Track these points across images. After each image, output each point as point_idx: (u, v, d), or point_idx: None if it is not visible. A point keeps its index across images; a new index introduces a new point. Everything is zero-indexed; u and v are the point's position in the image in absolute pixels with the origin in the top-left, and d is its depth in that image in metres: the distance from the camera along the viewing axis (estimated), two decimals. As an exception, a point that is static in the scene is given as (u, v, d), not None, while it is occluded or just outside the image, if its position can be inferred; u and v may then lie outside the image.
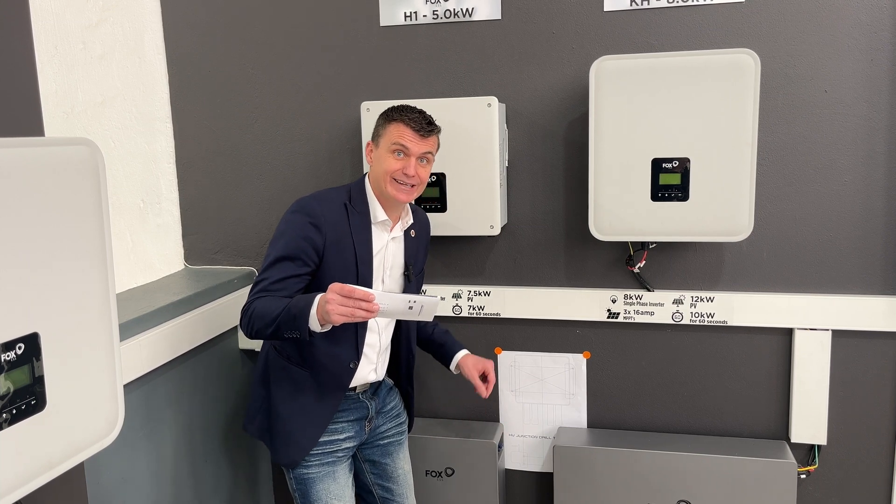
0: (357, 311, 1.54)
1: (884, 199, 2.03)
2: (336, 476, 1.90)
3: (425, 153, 1.78)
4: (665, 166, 1.93)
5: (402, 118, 1.76)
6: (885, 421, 2.13)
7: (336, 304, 1.54)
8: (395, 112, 1.79)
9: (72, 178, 1.09)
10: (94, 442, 1.18)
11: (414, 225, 1.92)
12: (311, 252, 1.75)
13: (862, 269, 2.08)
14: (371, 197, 1.83)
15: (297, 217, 1.76)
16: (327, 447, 1.89)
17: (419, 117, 1.77)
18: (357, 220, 1.80)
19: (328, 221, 1.76)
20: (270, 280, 1.73)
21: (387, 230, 1.85)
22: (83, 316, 1.13)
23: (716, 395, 2.24)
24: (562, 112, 2.19)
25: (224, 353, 2.33)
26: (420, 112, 1.79)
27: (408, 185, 1.77)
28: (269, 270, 1.75)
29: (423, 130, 1.76)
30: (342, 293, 1.54)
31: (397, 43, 2.27)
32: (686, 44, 2.08)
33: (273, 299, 1.69)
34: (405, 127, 1.76)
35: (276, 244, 1.76)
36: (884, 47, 1.97)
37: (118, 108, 2.24)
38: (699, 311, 2.17)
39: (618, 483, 2.16)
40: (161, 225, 2.46)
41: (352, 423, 1.92)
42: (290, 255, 1.74)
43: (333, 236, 1.76)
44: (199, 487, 2.20)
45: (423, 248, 2.00)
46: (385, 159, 1.77)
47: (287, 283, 1.73)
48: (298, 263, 1.74)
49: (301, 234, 1.74)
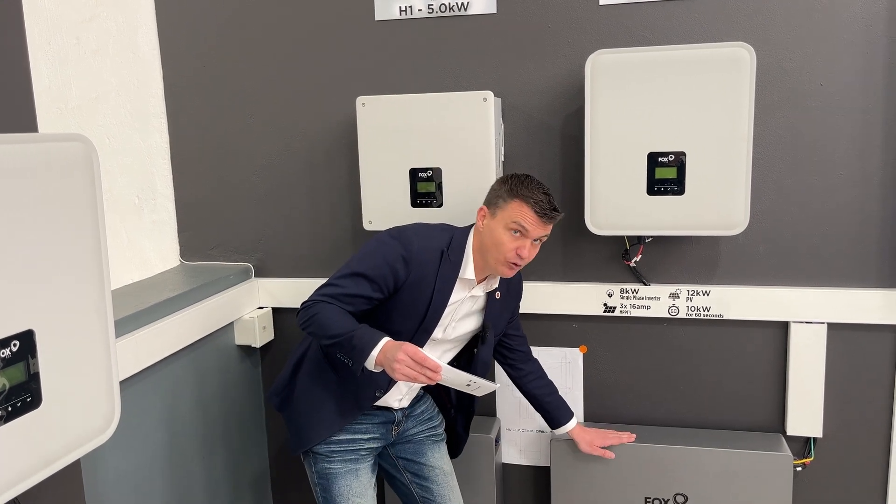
0: (420, 376, 1.57)
1: (879, 193, 2.04)
2: (358, 474, 1.88)
3: (542, 236, 1.75)
4: (661, 160, 1.93)
5: (527, 199, 1.70)
6: (880, 413, 2.14)
7: (404, 366, 1.56)
8: (521, 188, 1.72)
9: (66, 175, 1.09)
10: (91, 439, 1.18)
11: (500, 288, 1.88)
12: (390, 282, 1.73)
13: (857, 262, 2.08)
14: (468, 254, 1.80)
15: (393, 243, 1.75)
16: (350, 444, 1.88)
17: (545, 201, 1.71)
18: (446, 270, 1.77)
19: (419, 261, 1.74)
20: (343, 290, 1.72)
21: (468, 288, 1.82)
22: (79, 313, 1.13)
23: (712, 389, 2.24)
24: (558, 106, 2.18)
25: (221, 349, 2.32)
26: (546, 194, 1.72)
27: (518, 265, 1.75)
28: (345, 280, 1.73)
29: (545, 217, 1.71)
30: (415, 358, 1.56)
31: (393, 37, 2.26)
32: (682, 37, 2.08)
33: (340, 312, 1.70)
34: (529, 210, 1.70)
35: (362, 260, 1.75)
36: (879, 40, 1.97)
37: (112, 104, 2.23)
38: (695, 305, 2.17)
39: (614, 477, 2.17)
40: (156, 221, 2.45)
41: (377, 426, 1.91)
42: (371, 275, 1.72)
43: (418, 276, 1.74)
44: (196, 484, 2.20)
45: (511, 310, 1.97)
46: (500, 234, 1.72)
47: (356, 300, 1.73)
48: (374, 287, 1.73)
49: (388, 261, 1.73)
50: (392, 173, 2.13)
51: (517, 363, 2.07)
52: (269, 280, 2.48)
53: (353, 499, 1.87)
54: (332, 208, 2.39)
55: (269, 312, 2.47)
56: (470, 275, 1.79)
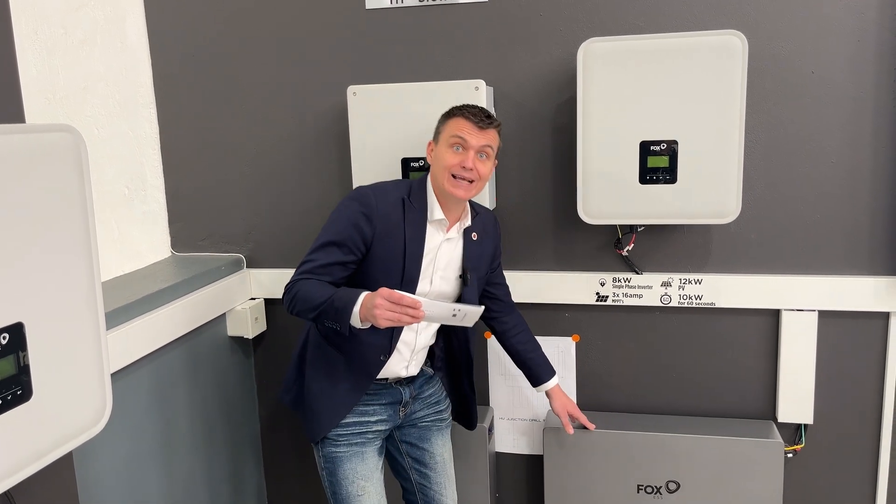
0: (403, 317, 1.57)
1: (870, 181, 2.04)
2: (365, 457, 1.89)
3: (484, 146, 1.75)
4: (653, 149, 1.93)
5: (460, 113, 1.76)
6: (870, 400, 2.16)
7: (384, 310, 1.57)
8: (454, 108, 1.79)
9: (54, 166, 1.08)
10: (82, 432, 1.17)
11: (475, 227, 1.88)
12: (358, 241, 1.74)
13: (848, 250, 2.09)
14: (430, 195, 1.81)
15: (352, 204, 1.76)
16: (357, 428, 1.88)
17: (478, 111, 1.75)
18: (413, 217, 1.78)
19: (381, 213, 1.75)
20: (317, 263, 1.74)
21: (442, 230, 1.82)
22: (69, 305, 1.12)
23: (704, 377, 2.26)
24: (550, 95, 2.18)
25: (213, 340, 2.32)
26: (480, 107, 1.78)
27: (466, 180, 1.74)
28: (316, 253, 1.76)
29: (481, 123, 1.74)
30: (391, 299, 1.57)
31: (384, 26, 2.25)
32: (674, 25, 2.07)
33: (319, 284, 1.71)
34: (463, 120, 1.74)
35: (328, 228, 1.77)
36: (870, 28, 1.97)
37: (101, 94, 2.21)
38: (687, 294, 2.18)
39: (607, 464, 2.18)
40: (147, 212, 2.44)
41: (384, 407, 1.91)
42: (338, 240, 1.74)
43: (384, 229, 1.75)
44: (190, 476, 2.20)
45: (490, 250, 1.95)
46: (443, 154, 1.76)
47: (332, 268, 1.75)
48: (345, 250, 1.74)
49: (351, 221, 1.74)
50: (384, 162, 2.12)
51: (501, 315, 2.06)
52: (260, 271, 2.47)
53: (359, 481, 1.87)
54: (323, 198, 2.38)
55: (262, 303, 2.47)
56: (439, 215, 1.79)
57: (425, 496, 2.03)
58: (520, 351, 2.08)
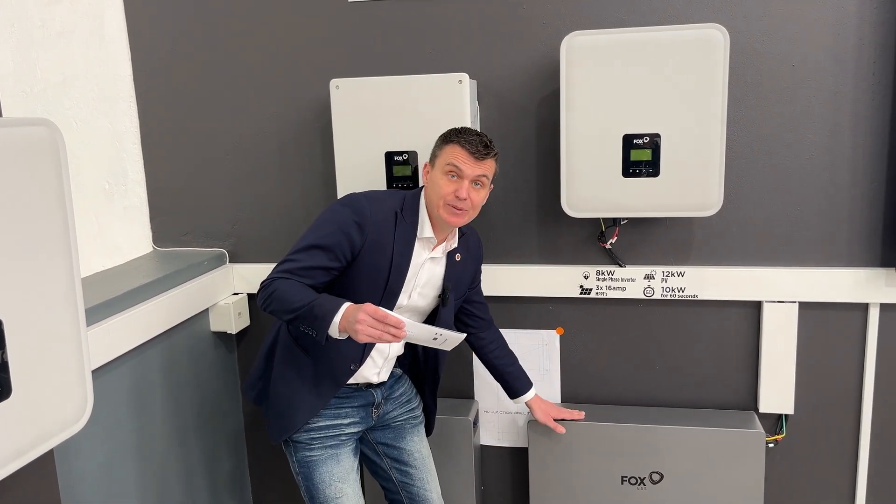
0: (385, 335, 1.56)
1: (849, 174, 2.07)
2: (339, 459, 1.88)
3: (479, 176, 1.73)
4: (636, 142, 1.94)
5: (458, 140, 1.72)
6: (850, 390, 2.19)
7: (366, 325, 1.55)
8: (452, 134, 1.75)
9: (31, 161, 1.06)
10: (63, 429, 1.16)
11: (460, 249, 1.88)
12: (346, 249, 1.72)
13: (828, 242, 2.11)
14: (423, 212, 1.79)
15: (344, 211, 1.74)
16: (330, 431, 1.87)
17: (476, 140, 1.72)
18: (403, 231, 1.76)
19: (373, 223, 1.73)
20: (299, 264, 1.71)
21: (428, 248, 1.81)
22: (48, 301, 1.11)
23: (686, 368, 2.27)
24: (533, 88, 2.18)
25: (196, 336, 2.30)
26: (478, 135, 1.74)
27: (459, 209, 1.73)
28: (300, 254, 1.72)
29: (478, 154, 1.71)
30: (375, 316, 1.56)
31: (366, 19, 2.24)
32: (656, 19, 2.08)
33: (298, 286, 1.68)
34: (460, 149, 1.71)
35: (316, 231, 1.74)
36: (850, 21, 1.99)
37: (79, 88, 2.18)
38: (670, 286, 2.20)
39: (591, 456, 2.20)
40: (128, 207, 2.41)
41: (356, 409, 1.90)
42: (325, 245, 1.71)
43: (374, 240, 1.73)
44: (173, 473, 2.19)
45: (471, 271, 1.96)
46: (438, 181, 1.74)
47: (315, 272, 1.71)
48: (331, 256, 1.71)
49: (342, 228, 1.71)
50: (367, 157, 2.11)
51: (479, 331, 2.07)
52: (243, 266, 2.45)
53: (336, 484, 1.87)
54: (306, 192, 2.37)
55: (245, 298, 2.45)
56: (428, 233, 1.78)
57: (409, 493, 2.03)
58: (497, 365, 2.10)
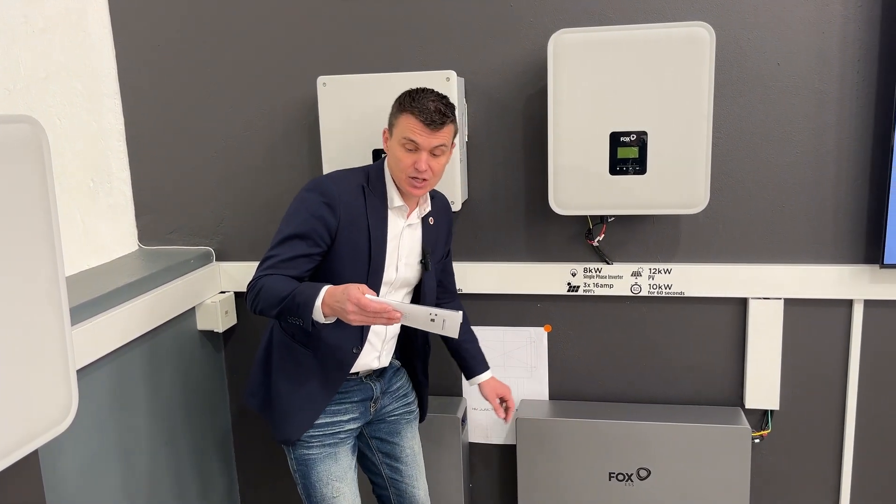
0: (377, 319, 1.53)
1: (834, 171, 2.08)
2: (338, 457, 1.87)
3: (436, 147, 1.69)
4: (623, 140, 1.95)
5: (412, 109, 1.66)
6: (834, 385, 2.21)
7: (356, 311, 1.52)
8: (408, 101, 1.68)
9: (14, 158, 1.05)
10: (48, 429, 1.15)
11: (432, 212, 1.86)
12: (323, 232, 1.70)
13: (813, 239, 2.13)
14: (389, 182, 1.77)
15: (311, 196, 1.72)
16: (329, 428, 1.86)
17: (431, 109, 1.66)
18: (373, 204, 1.74)
19: (343, 202, 1.71)
20: (280, 258, 1.69)
21: (403, 216, 1.79)
22: (32, 301, 1.10)
23: (673, 365, 2.29)
24: (521, 86, 2.18)
25: (183, 334, 2.29)
26: (433, 100, 1.67)
27: (422, 179, 1.71)
28: (278, 248, 1.70)
29: (433, 124, 1.65)
30: (360, 305, 1.52)
31: (354, 16, 2.23)
32: (643, 17, 2.08)
33: (281, 279, 1.66)
34: (415, 120, 1.66)
35: (289, 221, 1.72)
36: (834, 20, 2.00)
37: (63, 84, 2.16)
38: (657, 283, 2.21)
39: (579, 453, 2.20)
40: (112, 205, 2.39)
41: (356, 405, 1.89)
42: (302, 233, 1.69)
43: (348, 218, 1.71)
44: (161, 473, 2.17)
45: (445, 234, 1.93)
46: (397, 153, 1.70)
47: (297, 262, 1.69)
48: (309, 243, 1.69)
49: (314, 212, 1.69)
50: (354, 153, 2.10)
51: (444, 303, 2.03)
52: (230, 264, 2.44)
53: (333, 483, 1.86)
54: (293, 190, 2.35)
55: (232, 296, 2.44)
56: (398, 202, 1.77)
57: (397, 490, 2.02)
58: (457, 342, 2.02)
